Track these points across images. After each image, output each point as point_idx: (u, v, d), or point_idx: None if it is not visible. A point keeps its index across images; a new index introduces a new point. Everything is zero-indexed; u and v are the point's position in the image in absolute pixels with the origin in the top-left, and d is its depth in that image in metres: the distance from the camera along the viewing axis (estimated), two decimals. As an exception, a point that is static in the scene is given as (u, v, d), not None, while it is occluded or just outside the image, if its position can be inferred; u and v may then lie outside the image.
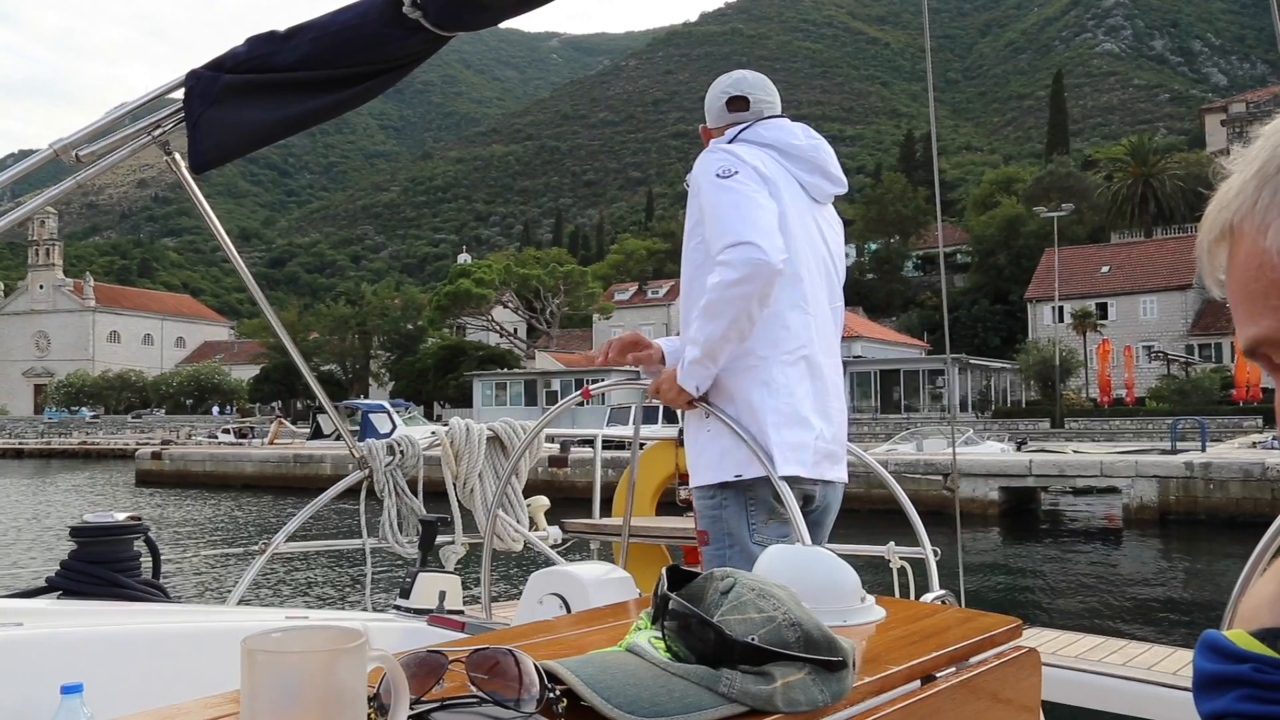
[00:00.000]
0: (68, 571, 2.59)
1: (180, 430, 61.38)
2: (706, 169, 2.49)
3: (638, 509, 5.12)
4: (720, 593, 1.01)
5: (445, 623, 2.52)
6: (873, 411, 47.25)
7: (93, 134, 2.41)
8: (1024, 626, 1.46)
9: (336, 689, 0.76)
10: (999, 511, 20.60)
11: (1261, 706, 0.62)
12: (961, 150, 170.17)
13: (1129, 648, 5.76)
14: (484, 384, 55.68)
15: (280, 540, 3.44)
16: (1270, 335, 0.64)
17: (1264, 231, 0.63)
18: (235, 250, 2.95)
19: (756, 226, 2.34)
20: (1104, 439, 37.99)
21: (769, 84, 2.76)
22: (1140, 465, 19.61)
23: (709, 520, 2.50)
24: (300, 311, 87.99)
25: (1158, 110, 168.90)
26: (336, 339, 78.77)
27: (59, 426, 72.63)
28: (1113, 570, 15.47)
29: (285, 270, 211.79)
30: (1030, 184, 76.03)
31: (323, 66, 2.34)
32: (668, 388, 2.51)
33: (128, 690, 1.65)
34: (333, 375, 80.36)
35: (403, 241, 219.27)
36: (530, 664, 0.92)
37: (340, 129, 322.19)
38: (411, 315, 76.01)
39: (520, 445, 3.80)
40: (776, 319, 2.46)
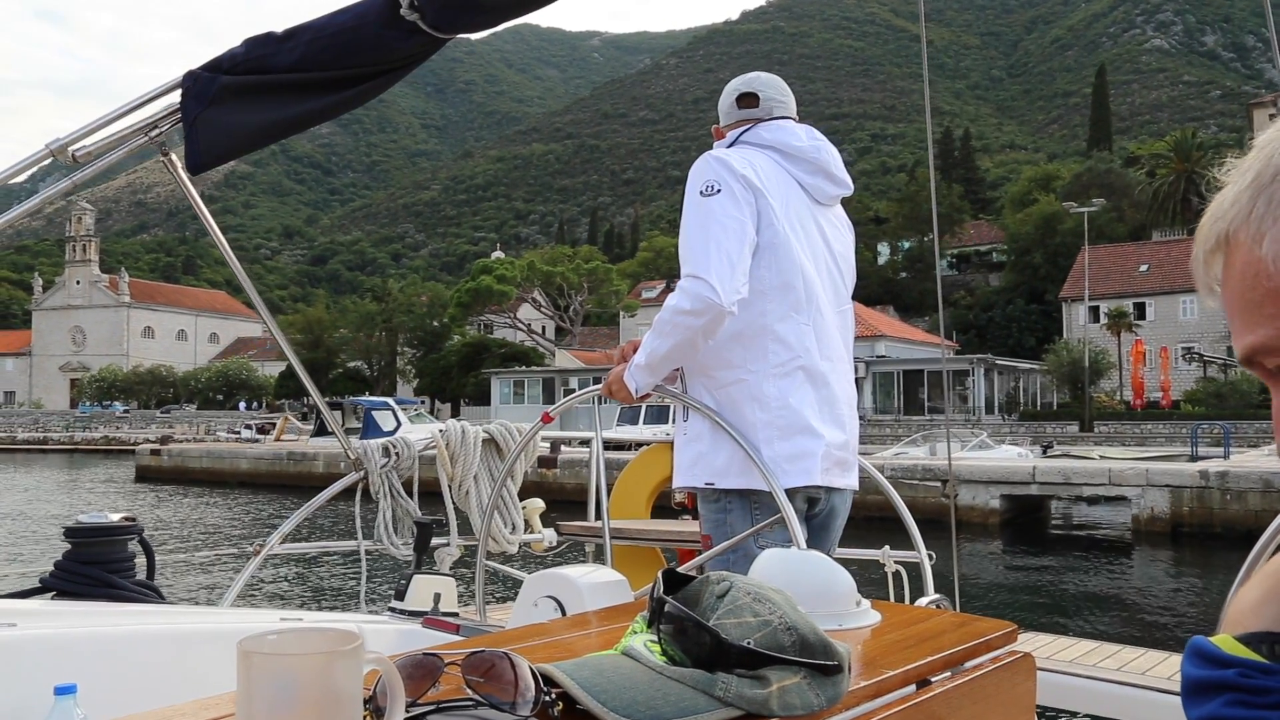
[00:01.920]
0: (62, 572, 2.59)
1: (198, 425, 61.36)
2: (695, 180, 2.46)
3: (633, 511, 5.24)
4: (716, 596, 1.02)
5: (440, 625, 2.46)
6: (895, 413, 45.85)
7: (89, 133, 2.39)
8: (1019, 631, 1.45)
9: (332, 691, 0.76)
10: (1000, 521, 19.36)
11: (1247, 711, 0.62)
12: (1005, 149, 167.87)
13: (1123, 652, 5.77)
14: (502, 382, 55.15)
15: (275, 542, 3.41)
16: (1266, 343, 0.65)
17: (1260, 240, 0.63)
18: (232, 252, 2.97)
19: (717, 264, 2.33)
20: (1134, 443, 36.51)
21: (783, 85, 2.75)
22: (1151, 474, 18.24)
23: (713, 525, 2.50)
24: (328, 307, 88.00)
25: (1208, 107, 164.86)
26: (363, 335, 78.61)
27: (84, 420, 73.06)
28: (1117, 584, 14.42)
29: (326, 268, 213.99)
30: (1069, 181, 73.96)
31: (320, 68, 2.34)
32: (616, 385, 2.54)
33: (122, 691, 1.63)
34: (359, 372, 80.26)
35: (442, 240, 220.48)
36: (526, 667, 0.92)
37: (383, 128, 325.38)
38: (437, 312, 75.62)
39: (515, 448, 3.77)
40: (765, 332, 2.44)
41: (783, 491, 2.37)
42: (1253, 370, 0.68)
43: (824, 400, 2.48)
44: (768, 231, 2.44)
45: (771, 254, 2.44)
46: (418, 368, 74.47)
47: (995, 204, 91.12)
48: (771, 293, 2.43)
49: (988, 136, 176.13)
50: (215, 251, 44.27)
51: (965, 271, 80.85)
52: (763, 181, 2.46)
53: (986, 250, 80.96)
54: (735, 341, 2.44)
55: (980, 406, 45.19)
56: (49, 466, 43.30)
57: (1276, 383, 0.68)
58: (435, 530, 3.62)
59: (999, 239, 76.58)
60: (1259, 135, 0.66)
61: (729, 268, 2.34)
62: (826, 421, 2.48)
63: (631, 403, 2.61)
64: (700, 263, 2.34)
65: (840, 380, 2.55)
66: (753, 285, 2.40)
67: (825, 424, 2.47)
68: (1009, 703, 1.37)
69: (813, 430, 2.44)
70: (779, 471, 2.38)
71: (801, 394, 2.45)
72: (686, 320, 2.34)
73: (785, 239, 2.46)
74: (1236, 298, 0.66)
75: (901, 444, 29.40)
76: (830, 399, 2.50)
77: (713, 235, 2.36)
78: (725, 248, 2.35)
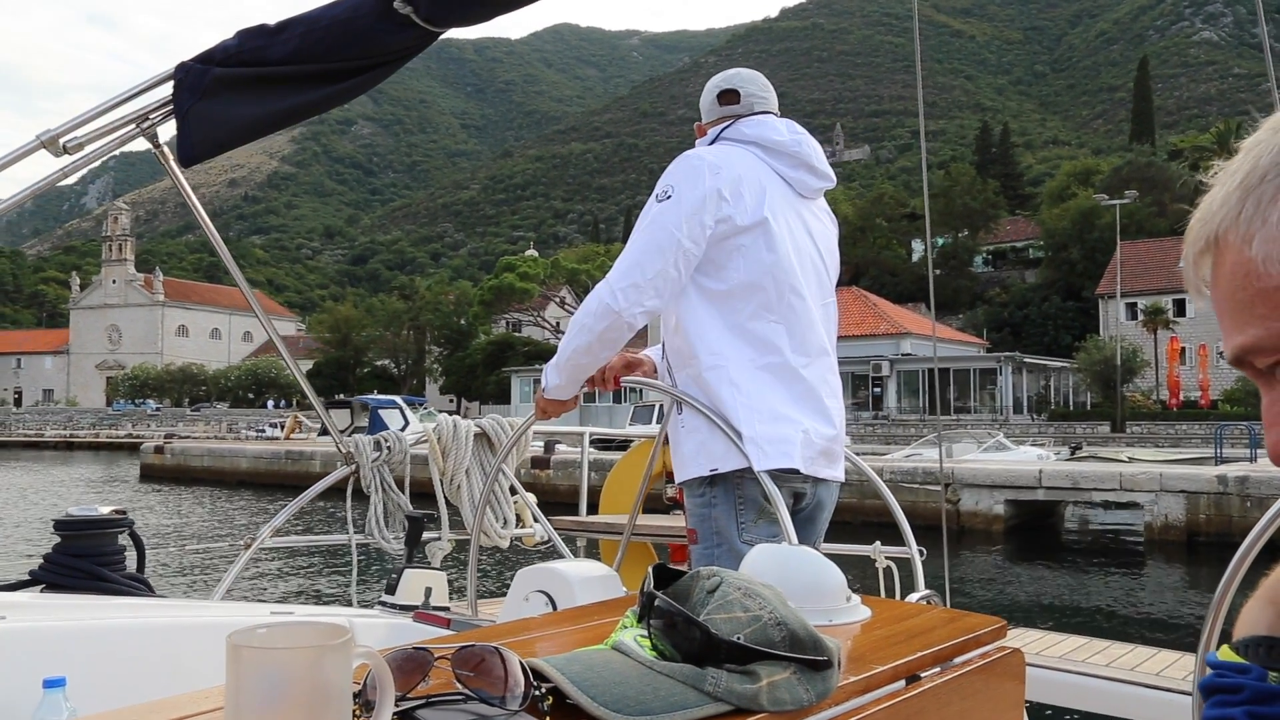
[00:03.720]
0: (51, 565, 2.57)
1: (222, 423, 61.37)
2: (662, 179, 2.48)
3: (623, 507, 5.23)
4: (706, 591, 1.02)
5: (431, 619, 2.48)
6: (920, 413, 44.45)
7: (81, 124, 2.40)
8: (1008, 627, 1.46)
9: (322, 685, 0.76)
10: (1005, 528, 18.17)
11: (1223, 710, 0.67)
12: (1048, 145, 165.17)
13: (1112, 648, 5.75)
14: (522, 380, 54.63)
15: (265, 535, 3.37)
16: (1256, 343, 0.66)
17: (1249, 241, 0.64)
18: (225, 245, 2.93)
19: (631, 275, 2.37)
20: (1168, 444, 35.05)
21: (764, 81, 2.75)
22: (1165, 479, 16.97)
23: (698, 519, 2.51)
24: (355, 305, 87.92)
25: (1260, 100, 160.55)
26: (390, 334, 78.37)
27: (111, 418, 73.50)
28: (1117, 597, 13.33)
29: (366, 267, 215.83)
30: (1108, 175, 71.87)
31: (313, 61, 2.34)
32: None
33: (111, 684, 1.66)
34: (386, 370, 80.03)
35: (481, 239, 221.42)
36: (516, 661, 0.92)
37: (424, 129, 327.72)
38: (464, 310, 75.21)
39: (507, 442, 3.73)
40: (734, 331, 2.46)
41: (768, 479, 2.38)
42: (1243, 370, 0.68)
43: (799, 395, 2.48)
44: (738, 235, 2.43)
45: (741, 255, 2.44)
46: (444, 366, 74.10)
47: (1034, 200, 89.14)
48: (741, 291, 2.44)
49: (1030, 133, 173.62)
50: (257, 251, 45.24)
51: (1001, 268, 78.94)
52: (738, 183, 2.45)
53: (1023, 246, 79.02)
54: (711, 333, 2.46)
55: (1008, 406, 43.72)
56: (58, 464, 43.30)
57: (1267, 383, 0.68)
58: (426, 525, 3.65)
59: (1036, 235, 74.67)
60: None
61: (640, 281, 2.37)
62: (805, 413, 2.48)
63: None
64: (619, 269, 2.39)
65: (818, 373, 2.54)
66: (724, 285, 2.44)
67: (804, 415, 2.48)
68: (998, 698, 1.37)
69: (788, 418, 2.44)
70: (761, 454, 2.38)
71: (773, 391, 2.46)
72: (588, 323, 2.41)
73: (757, 239, 2.45)
74: (1226, 298, 0.66)
75: (916, 444, 28.16)
76: (806, 393, 2.49)
77: (640, 245, 2.39)
78: (646, 261, 2.37)
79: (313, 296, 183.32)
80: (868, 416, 45.64)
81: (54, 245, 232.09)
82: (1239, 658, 0.69)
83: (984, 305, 70.67)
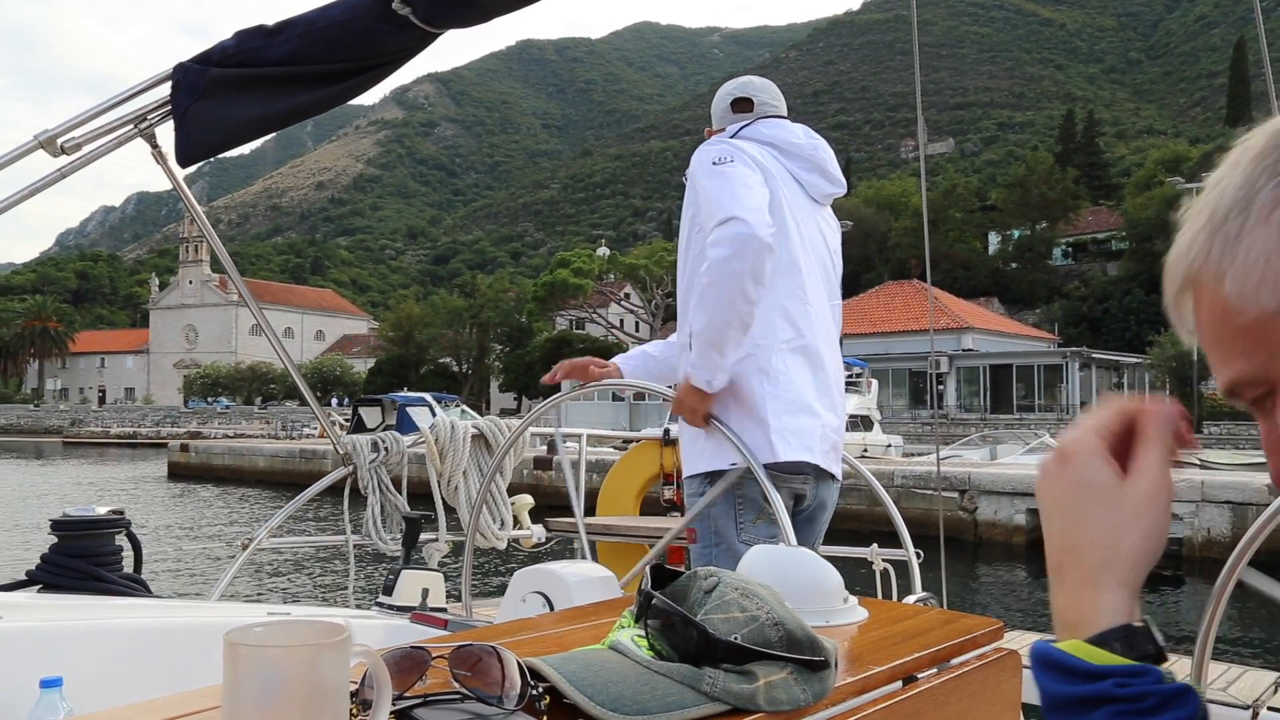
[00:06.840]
0: (47, 565, 2.57)
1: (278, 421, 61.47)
2: (703, 159, 2.49)
3: (622, 508, 5.29)
4: (704, 591, 1.02)
5: (428, 620, 2.45)
6: (981, 411, 41.92)
7: (79, 125, 2.40)
8: (1005, 629, 1.45)
9: (319, 684, 0.75)
10: (1026, 540, 16.15)
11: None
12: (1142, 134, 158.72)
13: None
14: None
15: (263, 535, 3.39)
16: (1243, 377, 0.67)
17: (1221, 280, 0.64)
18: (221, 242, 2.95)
19: (744, 204, 2.34)
20: (1250, 446, 32.16)
21: (775, 89, 2.77)
22: (1208, 487, 14.81)
23: (697, 518, 2.51)
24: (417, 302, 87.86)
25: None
26: (451, 332, 77.90)
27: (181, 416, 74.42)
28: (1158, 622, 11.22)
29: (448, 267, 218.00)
30: (1196, 161, 67.89)
31: (311, 61, 2.34)
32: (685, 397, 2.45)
33: (107, 684, 1.64)
34: (448, 369, 79.60)
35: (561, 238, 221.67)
36: (513, 661, 0.92)
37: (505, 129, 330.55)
38: (523, 307, 74.36)
39: (504, 444, 3.75)
40: (775, 308, 2.45)
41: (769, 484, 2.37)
42: (1235, 402, 0.69)
43: (820, 383, 2.52)
44: (776, 213, 2.43)
45: (782, 235, 2.44)
46: (505, 364, 73.34)
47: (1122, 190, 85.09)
48: (782, 270, 2.44)
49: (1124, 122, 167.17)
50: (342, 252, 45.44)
51: (1081, 261, 75.28)
52: (766, 172, 2.48)
53: (1105, 238, 75.22)
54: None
55: (1075, 404, 41.01)
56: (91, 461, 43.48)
57: (1259, 411, 0.69)
58: (424, 526, 3.59)
59: (1118, 225, 70.94)
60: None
61: (757, 206, 2.33)
62: (823, 404, 2.51)
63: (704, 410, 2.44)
64: (726, 207, 2.33)
65: (835, 368, 2.58)
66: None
67: (822, 406, 2.51)
68: (995, 699, 1.37)
69: (812, 409, 2.47)
70: (784, 445, 2.39)
71: (803, 374, 2.48)
72: (729, 268, 2.29)
73: (789, 226, 2.50)
74: (1209, 336, 0.68)
75: (956, 445, 26.04)
76: (825, 383, 2.53)
77: (734, 186, 2.36)
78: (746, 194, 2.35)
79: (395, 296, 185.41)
80: (925, 414, 43.32)
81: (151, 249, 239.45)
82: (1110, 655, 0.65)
83: (1061, 299, 67.36)
